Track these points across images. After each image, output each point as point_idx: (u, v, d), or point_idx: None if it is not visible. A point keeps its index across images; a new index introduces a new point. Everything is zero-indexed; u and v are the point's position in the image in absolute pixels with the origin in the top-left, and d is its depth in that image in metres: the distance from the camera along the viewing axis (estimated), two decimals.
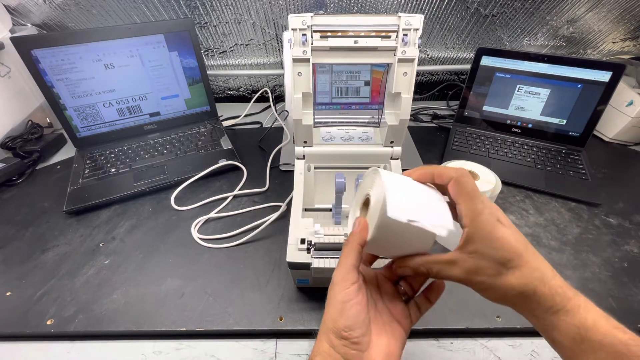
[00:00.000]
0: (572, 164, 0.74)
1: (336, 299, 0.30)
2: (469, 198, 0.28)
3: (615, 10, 0.84)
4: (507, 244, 0.27)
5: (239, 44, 0.94)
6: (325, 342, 0.30)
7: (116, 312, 0.50)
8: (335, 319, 0.30)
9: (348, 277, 0.31)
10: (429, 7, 0.85)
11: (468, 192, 0.29)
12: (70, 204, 0.65)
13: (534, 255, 0.28)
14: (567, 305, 0.26)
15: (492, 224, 0.27)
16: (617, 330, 0.25)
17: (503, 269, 0.27)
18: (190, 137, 0.81)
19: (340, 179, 0.48)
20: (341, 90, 0.56)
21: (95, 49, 0.70)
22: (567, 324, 0.26)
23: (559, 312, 0.26)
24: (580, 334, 0.26)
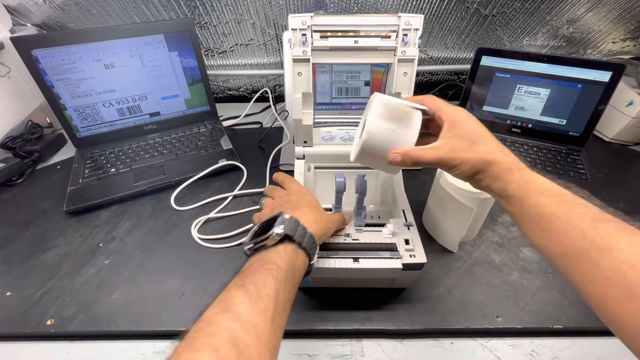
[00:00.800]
0: (572, 164, 0.74)
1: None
2: (443, 104, 0.39)
3: (615, 10, 0.84)
4: (475, 128, 0.37)
5: (239, 44, 0.94)
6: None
7: (116, 312, 0.50)
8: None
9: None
10: (429, 7, 0.85)
11: (441, 102, 0.39)
12: (70, 204, 0.65)
13: (493, 137, 0.38)
14: (520, 166, 0.35)
15: (464, 116, 0.38)
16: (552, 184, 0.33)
17: (473, 144, 0.36)
18: (190, 137, 0.81)
19: (340, 179, 0.48)
20: (341, 90, 0.56)
21: (95, 49, 0.70)
22: (517, 177, 0.34)
23: (512, 171, 0.35)
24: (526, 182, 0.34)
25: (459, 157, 0.36)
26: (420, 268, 0.45)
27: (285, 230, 0.35)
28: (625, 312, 0.25)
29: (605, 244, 0.27)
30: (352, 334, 0.48)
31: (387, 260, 0.44)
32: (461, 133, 0.36)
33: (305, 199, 0.42)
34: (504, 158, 0.35)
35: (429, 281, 0.53)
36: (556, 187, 0.33)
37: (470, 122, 0.37)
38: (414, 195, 0.55)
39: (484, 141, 0.36)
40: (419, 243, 0.47)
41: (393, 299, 0.51)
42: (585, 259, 0.28)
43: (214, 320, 0.28)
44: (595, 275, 0.27)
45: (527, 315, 0.49)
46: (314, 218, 0.39)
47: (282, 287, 0.31)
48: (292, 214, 0.37)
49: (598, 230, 0.28)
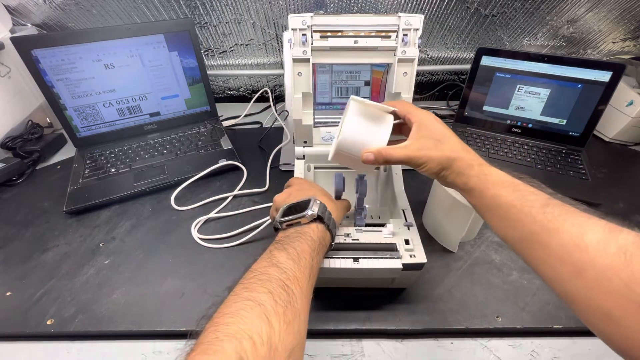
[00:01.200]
0: (572, 164, 0.74)
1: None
2: (413, 108, 0.43)
3: (615, 10, 0.84)
4: (440, 129, 0.41)
5: (239, 44, 0.94)
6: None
7: (116, 312, 0.50)
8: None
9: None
10: (429, 7, 0.85)
11: (410, 106, 0.44)
12: (70, 204, 0.65)
13: (456, 137, 0.41)
14: (480, 162, 0.40)
15: (431, 118, 0.42)
16: (507, 176, 0.37)
17: (438, 143, 0.40)
18: (190, 137, 0.81)
19: (339, 179, 0.48)
20: (341, 90, 0.56)
21: (95, 49, 0.70)
22: (477, 172, 0.38)
23: (473, 166, 0.39)
24: (484, 176, 0.38)
25: (425, 155, 0.40)
26: (420, 268, 0.45)
27: (319, 212, 0.40)
28: (574, 287, 0.27)
29: (552, 226, 0.30)
30: (352, 334, 0.48)
31: (387, 260, 0.44)
32: (428, 134, 0.41)
33: (320, 191, 0.47)
34: (466, 155, 0.39)
35: (429, 281, 0.53)
36: (510, 178, 0.37)
37: (435, 124, 0.41)
38: (414, 195, 0.55)
39: (447, 140, 0.40)
40: (419, 243, 0.47)
41: (393, 299, 0.51)
42: (537, 242, 0.31)
43: (265, 271, 0.32)
44: (546, 256, 0.30)
45: (527, 315, 0.49)
46: (332, 206, 0.44)
47: (315, 255, 0.36)
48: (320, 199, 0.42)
49: (546, 214, 0.31)
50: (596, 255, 0.26)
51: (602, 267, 0.26)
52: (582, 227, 0.28)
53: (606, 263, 0.26)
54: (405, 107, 0.44)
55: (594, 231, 0.28)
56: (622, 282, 0.24)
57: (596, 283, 0.26)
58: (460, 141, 0.41)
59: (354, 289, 0.51)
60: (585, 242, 0.27)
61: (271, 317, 0.28)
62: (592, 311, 0.26)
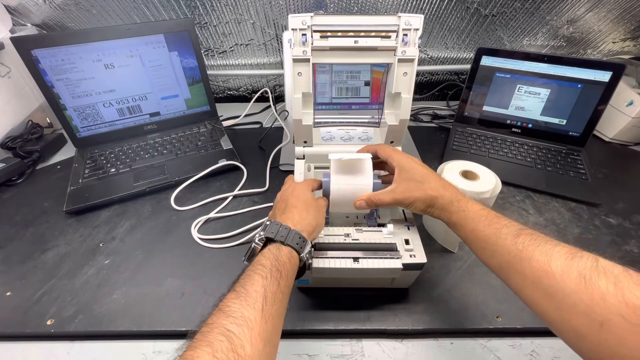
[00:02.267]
0: (572, 164, 0.74)
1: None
2: (393, 152, 0.48)
3: (615, 10, 0.84)
4: (420, 170, 0.46)
5: (239, 44, 0.94)
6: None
7: (116, 312, 0.50)
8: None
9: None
10: (429, 7, 0.85)
11: (391, 150, 0.49)
12: (70, 204, 0.65)
13: (436, 176, 0.45)
14: (458, 198, 0.42)
15: (410, 161, 0.47)
16: (483, 211, 0.40)
17: (420, 184, 0.44)
18: (190, 137, 0.81)
19: (327, 179, 0.48)
20: (341, 90, 0.56)
21: (95, 49, 0.70)
22: (456, 208, 0.42)
23: (452, 202, 0.42)
24: (463, 212, 0.41)
25: (411, 197, 0.44)
26: (420, 268, 0.45)
27: (265, 234, 0.39)
28: (547, 309, 0.31)
29: (524, 255, 0.33)
30: (352, 334, 0.48)
31: (387, 260, 0.44)
32: (409, 176, 0.45)
33: (293, 199, 0.45)
34: (445, 192, 0.43)
35: (429, 281, 0.53)
36: (487, 212, 0.40)
37: (415, 166, 0.46)
38: None
39: (428, 180, 0.44)
40: (419, 243, 0.47)
41: (393, 299, 0.51)
42: (513, 269, 0.34)
43: (209, 321, 0.30)
44: (522, 282, 0.33)
45: (527, 315, 0.49)
46: (299, 217, 0.43)
47: (268, 281, 0.34)
48: (279, 218, 0.42)
49: (518, 245, 0.34)
50: (561, 280, 0.29)
51: (567, 291, 0.29)
52: (548, 255, 0.31)
53: (570, 287, 0.29)
54: (385, 151, 0.49)
55: (558, 258, 0.31)
56: (584, 303, 0.27)
57: (565, 305, 0.29)
58: (439, 179, 0.45)
59: (354, 289, 0.51)
60: (552, 268, 0.30)
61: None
62: (565, 330, 0.30)
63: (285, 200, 0.46)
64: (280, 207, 0.45)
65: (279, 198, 0.48)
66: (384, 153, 0.49)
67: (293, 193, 0.46)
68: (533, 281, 0.32)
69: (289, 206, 0.44)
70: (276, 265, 0.36)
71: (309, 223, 0.43)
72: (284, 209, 0.44)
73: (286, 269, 0.37)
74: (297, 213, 0.43)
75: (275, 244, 0.39)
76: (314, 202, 0.46)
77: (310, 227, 0.42)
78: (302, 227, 0.41)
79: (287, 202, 0.45)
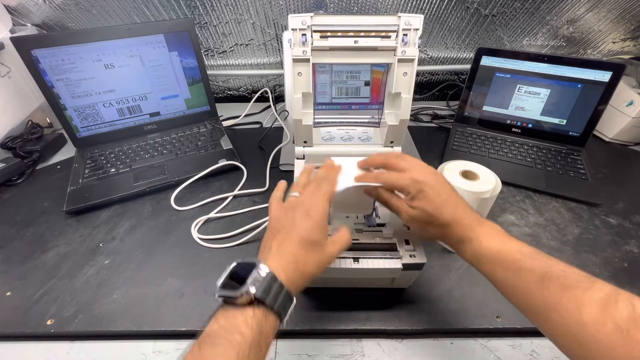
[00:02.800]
0: (572, 164, 0.74)
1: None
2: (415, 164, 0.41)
3: (615, 10, 0.84)
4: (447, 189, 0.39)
5: (239, 44, 0.94)
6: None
7: (116, 312, 0.50)
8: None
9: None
10: (429, 7, 0.85)
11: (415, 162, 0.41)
12: (70, 204, 0.65)
13: (458, 199, 0.39)
14: (471, 236, 0.37)
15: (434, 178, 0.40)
16: (501, 249, 0.35)
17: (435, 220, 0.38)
18: (190, 137, 0.81)
19: None
20: (341, 90, 0.56)
21: (95, 49, 0.70)
22: (469, 249, 0.37)
23: (466, 241, 0.37)
24: (477, 252, 0.37)
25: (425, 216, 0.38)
26: (420, 268, 0.45)
27: (257, 292, 0.30)
28: (581, 357, 0.28)
29: (551, 302, 0.30)
30: (352, 334, 0.48)
31: (387, 260, 0.44)
32: (432, 194, 0.38)
33: (301, 225, 0.36)
34: (462, 220, 0.38)
35: (429, 281, 0.53)
36: (504, 251, 0.35)
37: (438, 186, 0.39)
38: None
39: (449, 203, 0.39)
40: (419, 243, 0.47)
41: (393, 299, 0.51)
42: (539, 316, 0.31)
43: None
44: (550, 329, 0.31)
45: None
46: (303, 261, 0.34)
47: (245, 357, 0.28)
48: (272, 255, 0.34)
49: (543, 291, 0.31)
50: (595, 332, 0.27)
51: (602, 344, 0.26)
52: (578, 303, 0.28)
53: (605, 341, 0.26)
54: (406, 162, 0.41)
55: (590, 306, 0.28)
56: (623, 358, 0.25)
57: (599, 356, 0.27)
58: (458, 203, 0.39)
59: (354, 289, 0.51)
60: (583, 319, 0.28)
61: None
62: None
63: (297, 210, 0.37)
64: (286, 224, 0.36)
65: (277, 214, 0.38)
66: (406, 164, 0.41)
67: (309, 212, 0.36)
68: (563, 330, 0.29)
69: (295, 230, 0.35)
70: (258, 339, 0.29)
71: (310, 271, 0.35)
72: (287, 231, 0.35)
73: (267, 342, 0.31)
74: (297, 251, 0.34)
75: (262, 307, 0.30)
76: (326, 233, 0.37)
77: (303, 279, 0.34)
78: (295, 280, 0.33)
79: (295, 219, 0.36)
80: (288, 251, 0.34)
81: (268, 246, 0.36)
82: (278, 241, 0.35)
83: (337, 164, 0.44)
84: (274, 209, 0.40)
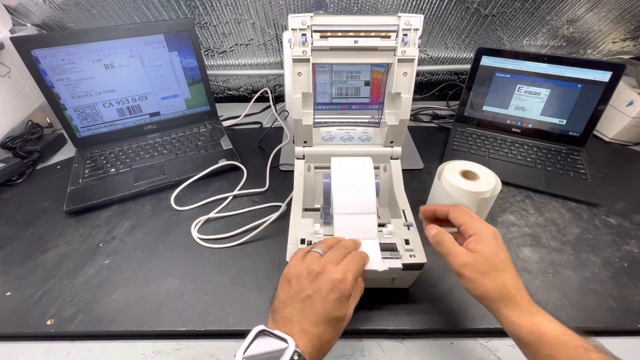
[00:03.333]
0: (572, 164, 0.74)
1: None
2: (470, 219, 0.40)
3: (615, 10, 0.84)
4: (502, 254, 0.38)
5: (239, 44, 0.94)
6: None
7: (116, 312, 0.50)
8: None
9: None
10: (429, 7, 0.85)
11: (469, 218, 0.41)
12: (70, 204, 0.65)
13: (513, 272, 0.37)
14: (531, 310, 0.35)
15: (494, 240, 0.38)
16: (564, 335, 0.33)
17: (492, 269, 0.37)
18: (190, 137, 0.81)
19: (327, 180, 0.48)
20: (341, 90, 0.56)
21: (95, 49, 0.70)
22: (529, 323, 0.34)
23: (523, 314, 0.35)
24: (537, 330, 0.33)
25: (477, 280, 0.37)
26: (420, 268, 0.45)
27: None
28: None
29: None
30: (352, 333, 0.48)
31: (387, 260, 0.44)
32: (487, 255, 0.37)
33: (330, 302, 0.34)
34: (517, 294, 0.36)
35: (429, 281, 0.53)
36: (569, 338, 0.32)
37: (500, 248, 0.38)
38: (414, 195, 0.55)
39: (506, 269, 0.37)
40: (419, 243, 0.47)
41: (393, 299, 0.51)
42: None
43: None
44: None
45: None
46: (327, 338, 0.34)
47: None
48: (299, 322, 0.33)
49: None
50: None
51: None
52: None
53: None
54: (460, 216, 0.41)
55: None
56: None
57: None
58: (515, 275, 0.37)
59: None
60: None
61: None
62: None
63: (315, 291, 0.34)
64: (295, 295, 0.35)
65: (299, 272, 0.36)
66: (458, 218, 0.41)
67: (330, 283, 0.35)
68: None
69: (317, 310, 0.33)
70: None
71: (330, 346, 0.34)
72: (306, 312, 0.34)
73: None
74: (325, 325, 0.33)
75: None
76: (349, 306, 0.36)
77: (327, 352, 0.34)
78: (319, 353, 0.33)
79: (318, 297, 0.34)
80: (314, 328, 0.33)
81: (288, 312, 0.34)
82: (301, 312, 0.34)
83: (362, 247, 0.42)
84: (296, 263, 0.38)
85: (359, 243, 0.43)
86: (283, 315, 0.34)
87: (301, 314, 0.34)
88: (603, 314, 0.49)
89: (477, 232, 0.39)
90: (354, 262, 0.38)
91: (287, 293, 0.36)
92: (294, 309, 0.34)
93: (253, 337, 0.32)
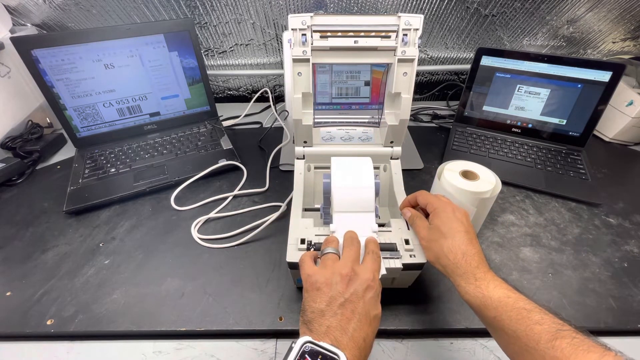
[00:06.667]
0: (572, 164, 0.74)
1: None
2: (430, 198, 0.45)
3: (615, 10, 0.84)
4: (451, 224, 0.41)
5: (239, 44, 0.94)
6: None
7: (116, 312, 0.50)
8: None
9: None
10: (429, 7, 0.85)
11: (428, 196, 0.46)
12: (70, 204, 0.65)
13: (464, 238, 0.39)
14: (479, 280, 0.37)
15: (446, 211, 0.42)
16: (507, 298, 0.35)
17: (441, 238, 0.40)
18: (190, 137, 0.81)
19: (327, 180, 0.48)
20: (341, 90, 0.56)
21: (95, 49, 0.70)
22: (473, 289, 0.36)
23: (469, 279, 0.37)
24: (482, 296, 0.36)
25: (428, 246, 0.42)
26: (420, 268, 0.45)
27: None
28: None
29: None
30: None
31: (387, 260, 0.44)
32: (438, 223, 0.41)
33: (370, 302, 0.35)
34: (461, 261, 0.38)
35: (429, 281, 0.53)
36: (513, 301, 0.34)
37: (449, 217, 0.41)
38: None
39: (452, 236, 0.40)
40: (419, 243, 0.47)
41: (393, 299, 0.51)
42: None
43: None
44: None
45: None
46: (370, 338, 0.34)
47: None
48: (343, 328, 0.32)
49: (556, 350, 0.30)
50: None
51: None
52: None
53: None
54: (425, 198, 0.46)
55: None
56: None
57: None
58: (467, 242, 0.39)
59: None
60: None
61: None
62: None
63: (352, 293, 0.35)
64: (332, 301, 0.34)
65: (326, 279, 0.36)
66: (423, 199, 0.46)
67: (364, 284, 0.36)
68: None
69: (359, 312, 0.34)
70: None
71: (371, 344, 0.35)
72: (348, 317, 0.33)
73: None
74: (367, 325, 0.34)
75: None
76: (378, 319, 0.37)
77: (368, 351, 0.34)
78: (364, 355, 0.33)
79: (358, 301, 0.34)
80: (358, 332, 0.33)
81: (328, 321, 0.33)
82: (343, 317, 0.33)
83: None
84: (319, 270, 0.37)
85: (355, 235, 0.42)
86: (323, 324, 0.33)
87: (343, 319, 0.33)
88: (603, 314, 0.49)
89: (437, 208, 0.43)
90: (375, 262, 0.39)
91: (322, 301, 0.34)
92: (335, 316, 0.33)
93: (298, 351, 0.31)
